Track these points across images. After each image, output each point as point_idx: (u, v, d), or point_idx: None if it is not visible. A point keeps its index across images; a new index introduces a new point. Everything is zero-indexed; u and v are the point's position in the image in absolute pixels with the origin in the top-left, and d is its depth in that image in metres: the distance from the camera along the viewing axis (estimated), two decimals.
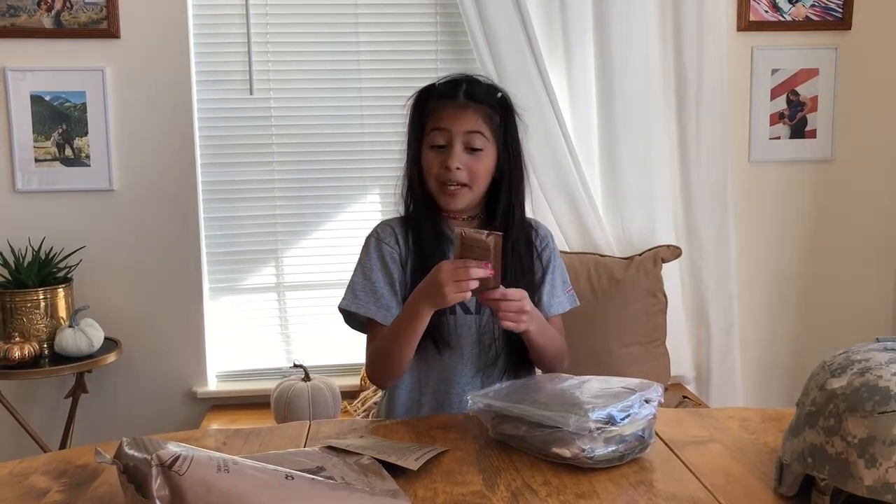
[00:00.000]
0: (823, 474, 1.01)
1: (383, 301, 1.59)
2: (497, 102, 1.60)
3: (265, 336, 2.91)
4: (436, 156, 1.56)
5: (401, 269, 1.61)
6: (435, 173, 1.56)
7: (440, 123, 1.55)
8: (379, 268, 1.60)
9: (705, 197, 2.83)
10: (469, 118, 1.55)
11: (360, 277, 1.61)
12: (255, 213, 2.85)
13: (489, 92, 1.60)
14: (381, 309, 1.58)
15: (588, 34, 2.74)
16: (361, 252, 1.64)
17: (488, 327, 1.60)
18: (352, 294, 1.60)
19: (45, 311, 2.56)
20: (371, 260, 1.61)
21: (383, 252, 1.61)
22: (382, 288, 1.59)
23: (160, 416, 2.78)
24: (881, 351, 1.05)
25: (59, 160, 2.70)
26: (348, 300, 1.60)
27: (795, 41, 2.92)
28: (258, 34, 2.77)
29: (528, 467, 1.23)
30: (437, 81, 1.63)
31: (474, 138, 1.55)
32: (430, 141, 1.57)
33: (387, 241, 1.61)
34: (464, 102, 1.56)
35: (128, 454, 0.98)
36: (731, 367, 2.91)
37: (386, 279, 1.59)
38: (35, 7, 2.63)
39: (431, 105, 1.59)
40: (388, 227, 1.64)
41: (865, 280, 3.05)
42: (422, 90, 1.63)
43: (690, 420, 1.45)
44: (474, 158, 1.56)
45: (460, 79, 1.61)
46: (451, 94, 1.58)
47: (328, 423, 1.47)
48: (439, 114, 1.56)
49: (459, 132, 1.55)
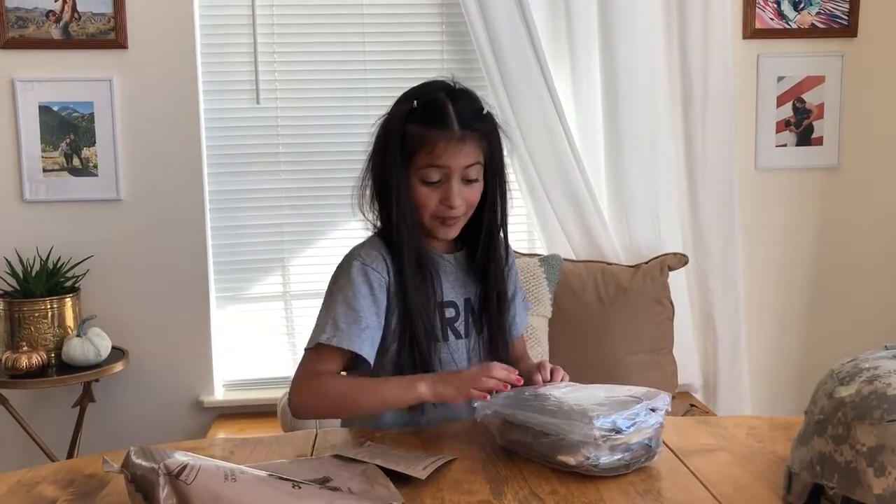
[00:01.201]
0: (832, 483, 1.01)
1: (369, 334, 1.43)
2: (487, 123, 1.47)
3: (272, 345, 2.91)
4: (431, 192, 1.44)
5: (388, 296, 1.47)
6: (432, 210, 1.45)
7: (437, 161, 1.41)
8: (366, 295, 1.44)
9: (712, 204, 2.83)
10: (467, 153, 1.42)
11: (344, 309, 1.43)
12: (261, 221, 2.86)
13: (478, 113, 1.46)
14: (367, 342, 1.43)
15: (593, 42, 2.75)
16: (340, 279, 1.47)
17: (476, 350, 1.55)
18: (333, 328, 1.42)
19: (52, 321, 2.57)
20: (356, 288, 1.44)
21: (371, 279, 1.45)
22: (370, 318, 1.44)
23: (167, 426, 2.79)
24: (889, 359, 1.04)
25: (66, 170, 2.71)
26: (330, 334, 1.41)
27: (801, 49, 2.92)
28: (265, 43, 2.79)
29: (535, 476, 1.22)
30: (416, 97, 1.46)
31: (471, 171, 1.44)
32: (422, 176, 1.43)
33: (374, 267, 1.46)
34: (461, 135, 1.41)
35: (135, 463, 0.98)
36: (739, 375, 2.90)
37: (374, 309, 1.44)
38: (43, 18, 2.65)
39: (416, 132, 1.42)
40: (373, 250, 1.49)
41: (873, 287, 3.04)
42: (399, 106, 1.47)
43: (698, 428, 1.45)
44: (470, 189, 1.46)
45: (441, 99, 1.44)
46: (441, 123, 1.41)
47: (335, 433, 1.46)
48: (433, 148, 1.41)
49: (459, 168, 1.42)
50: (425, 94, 1.46)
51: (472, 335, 1.55)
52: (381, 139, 1.48)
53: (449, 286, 1.53)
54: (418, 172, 1.44)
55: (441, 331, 1.51)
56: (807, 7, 2.90)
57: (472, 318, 1.55)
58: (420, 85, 1.50)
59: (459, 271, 1.55)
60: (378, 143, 1.49)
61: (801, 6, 2.90)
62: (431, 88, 1.48)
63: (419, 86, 1.50)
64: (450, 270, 1.54)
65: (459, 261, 1.56)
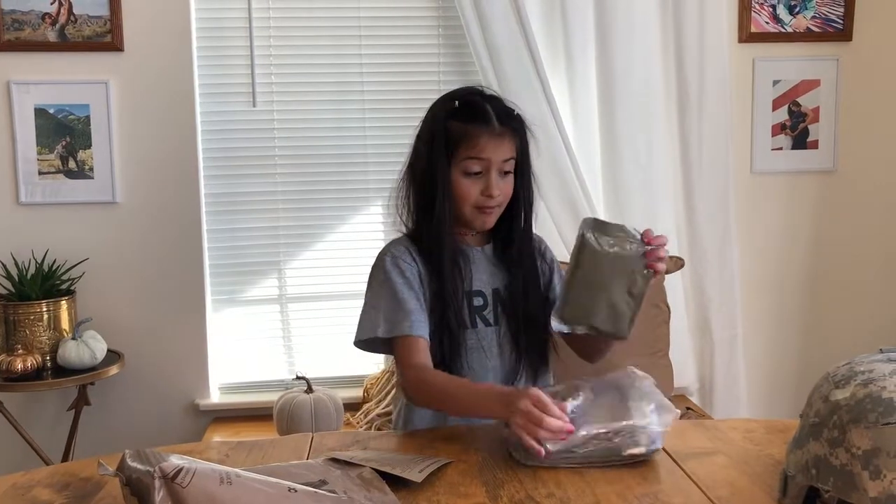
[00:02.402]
0: (828, 486, 1.01)
1: (416, 317, 1.51)
2: (519, 122, 1.60)
3: (268, 348, 2.91)
4: (472, 183, 1.55)
5: (421, 285, 1.56)
6: (473, 200, 1.56)
7: (480, 153, 1.53)
8: (403, 284, 1.54)
9: (708, 208, 2.84)
10: (506, 147, 1.55)
11: (388, 301, 1.53)
12: (257, 224, 2.85)
13: (512, 113, 1.59)
14: (417, 323, 1.51)
15: (590, 46, 2.75)
16: (377, 275, 1.58)
17: (507, 338, 1.61)
18: (386, 322, 1.51)
19: (48, 324, 2.57)
20: (393, 280, 1.54)
21: (403, 269, 1.56)
22: (412, 303, 1.52)
23: (162, 429, 2.78)
24: (885, 362, 1.04)
25: (62, 172, 2.70)
26: (385, 328, 1.51)
27: (797, 52, 2.93)
28: (261, 46, 2.78)
29: (531, 479, 1.23)
30: (455, 98, 1.59)
31: (507, 165, 1.57)
32: (464, 167, 1.55)
33: (404, 259, 1.57)
34: (500, 130, 1.55)
35: (131, 466, 0.98)
36: (735, 377, 2.90)
37: (413, 294, 1.54)
38: (39, 21, 2.65)
39: (459, 128, 1.55)
40: (400, 245, 1.60)
41: (868, 290, 3.05)
42: (440, 106, 1.60)
43: (694, 431, 1.45)
44: (505, 181, 1.58)
45: (480, 100, 1.58)
46: (482, 119, 1.55)
47: (331, 436, 1.47)
48: (476, 142, 1.53)
49: (498, 161, 1.55)
50: (462, 97, 1.60)
51: (502, 324, 1.61)
52: (426, 137, 1.58)
53: (478, 276, 1.61)
54: (461, 165, 1.55)
55: (469, 317, 1.58)
56: (802, 11, 2.91)
57: (500, 308, 1.62)
58: (453, 91, 1.65)
59: (489, 263, 1.64)
60: (421, 141, 1.60)
61: (796, 10, 2.91)
62: (465, 91, 1.63)
63: (453, 91, 1.65)
64: (479, 261, 1.63)
65: (488, 253, 1.65)
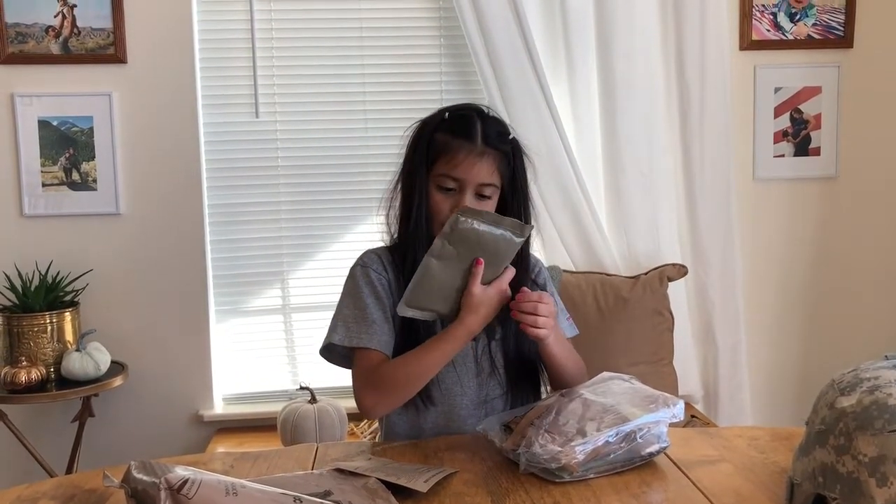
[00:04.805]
0: (835, 493, 1.00)
1: (379, 328, 1.51)
2: (510, 146, 1.53)
3: (271, 358, 2.91)
4: (444, 199, 1.50)
5: (390, 297, 1.53)
6: (443, 217, 1.49)
7: (454, 172, 1.48)
8: (369, 294, 1.52)
9: (710, 215, 2.84)
10: (484, 169, 1.49)
11: (351, 309, 1.52)
12: (260, 235, 2.86)
13: (502, 135, 1.53)
14: (377, 336, 1.50)
15: (591, 55, 2.76)
16: (347, 283, 1.57)
17: (485, 353, 1.56)
18: (345, 328, 1.51)
19: (51, 335, 2.57)
20: (360, 289, 1.53)
21: (372, 279, 1.54)
22: (375, 314, 1.51)
23: (167, 440, 2.78)
24: (890, 369, 1.04)
25: (65, 184, 2.71)
26: (342, 335, 1.50)
27: (798, 59, 2.93)
28: (264, 58, 2.79)
29: (536, 489, 1.22)
30: (446, 112, 1.56)
31: (486, 189, 1.50)
32: (438, 182, 1.50)
33: (374, 269, 1.55)
34: (480, 149, 1.48)
35: (136, 478, 0.98)
36: (739, 385, 2.90)
37: (378, 305, 1.52)
38: (43, 34, 2.66)
39: (442, 140, 1.51)
40: (373, 254, 1.58)
41: (872, 297, 3.04)
42: (434, 116, 1.56)
43: (699, 439, 1.45)
44: (482, 204, 1.51)
45: (471, 115, 1.53)
46: (465, 133, 1.50)
47: (335, 446, 1.46)
48: (452, 158, 1.48)
49: (473, 183, 1.49)
50: (459, 110, 1.57)
51: (481, 338, 1.56)
52: (411, 144, 1.56)
53: None
54: (436, 179, 1.51)
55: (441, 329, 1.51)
56: (803, 18, 2.92)
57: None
58: (457, 104, 1.62)
59: None
60: (408, 148, 1.57)
61: (797, 17, 2.91)
62: (463, 105, 1.59)
63: (456, 104, 1.61)
64: None
65: None
